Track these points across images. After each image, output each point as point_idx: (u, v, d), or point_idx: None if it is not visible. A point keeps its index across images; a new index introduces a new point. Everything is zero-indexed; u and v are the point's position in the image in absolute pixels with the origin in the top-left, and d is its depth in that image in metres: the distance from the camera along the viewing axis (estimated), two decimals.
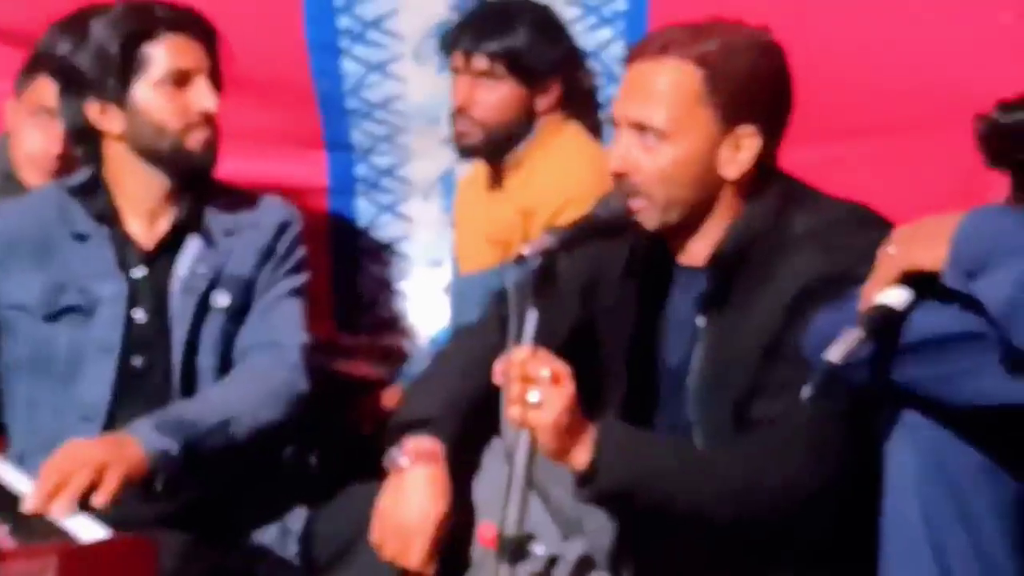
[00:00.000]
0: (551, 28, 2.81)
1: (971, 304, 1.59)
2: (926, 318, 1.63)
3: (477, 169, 2.93)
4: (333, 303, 3.17)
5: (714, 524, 1.91)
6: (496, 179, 2.85)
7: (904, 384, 1.65)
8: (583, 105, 2.89)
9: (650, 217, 2.03)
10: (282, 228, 2.48)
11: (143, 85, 2.33)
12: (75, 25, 2.37)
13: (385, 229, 3.18)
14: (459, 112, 2.78)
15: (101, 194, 2.42)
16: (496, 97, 2.76)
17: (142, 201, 2.41)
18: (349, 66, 3.01)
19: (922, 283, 1.64)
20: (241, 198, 2.49)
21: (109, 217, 2.41)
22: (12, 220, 2.44)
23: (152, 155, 2.37)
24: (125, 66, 2.32)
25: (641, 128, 2.00)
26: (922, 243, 1.64)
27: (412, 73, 3.00)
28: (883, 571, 1.72)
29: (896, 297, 1.64)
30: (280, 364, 2.38)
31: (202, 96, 2.35)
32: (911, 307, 1.64)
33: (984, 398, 1.60)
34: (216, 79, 2.40)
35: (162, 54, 2.34)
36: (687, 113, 1.99)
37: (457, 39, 2.79)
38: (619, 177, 2.03)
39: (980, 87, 2.42)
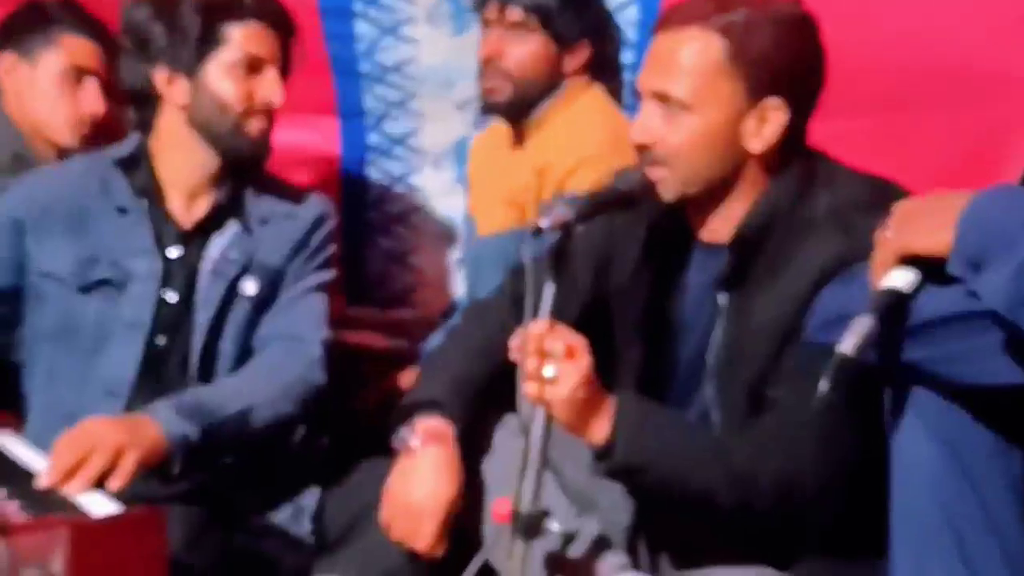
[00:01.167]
0: None
1: None
2: (933, 298, 1.60)
3: (493, 129, 2.91)
4: (343, 275, 3.14)
5: (722, 507, 1.90)
6: (517, 139, 2.83)
7: (912, 365, 1.62)
8: (610, 71, 2.87)
9: (670, 188, 2.00)
10: (318, 222, 2.48)
11: (216, 63, 2.36)
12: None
13: (397, 200, 3.16)
14: (487, 63, 2.76)
15: (145, 168, 2.42)
16: (527, 50, 2.74)
17: (186, 178, 2.41)
18: (362, 29, 2.99)
19: (927, 263, 1.61)
20: (280, 188, 2.50)
21: (151, 192, 2.40)
22: (50, 187, 2.44)
23: (209, 132, 2.38)
24: (204, 40, 2.34)
25: (664, 99, 1.97)
26: (924, 227, 1.60)
27: (426, 36, 2.98)
28: (897, 552, 1.69)
29: (903, 279, 1.61)
30: (300, 358, 2.37)
31: (270, 86, 2.38)
32: (919, 288, 1.61)
33: (992, 377, 1.57)
34: (285, 73, 2.42)
35: (241, 36, 2.36)
36: (710, 84, 1.95)
37: None
38: (641, 149, 2.00)
39: (988, 64, 2.41)
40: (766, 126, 1.97)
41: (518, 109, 2.78)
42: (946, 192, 1.64)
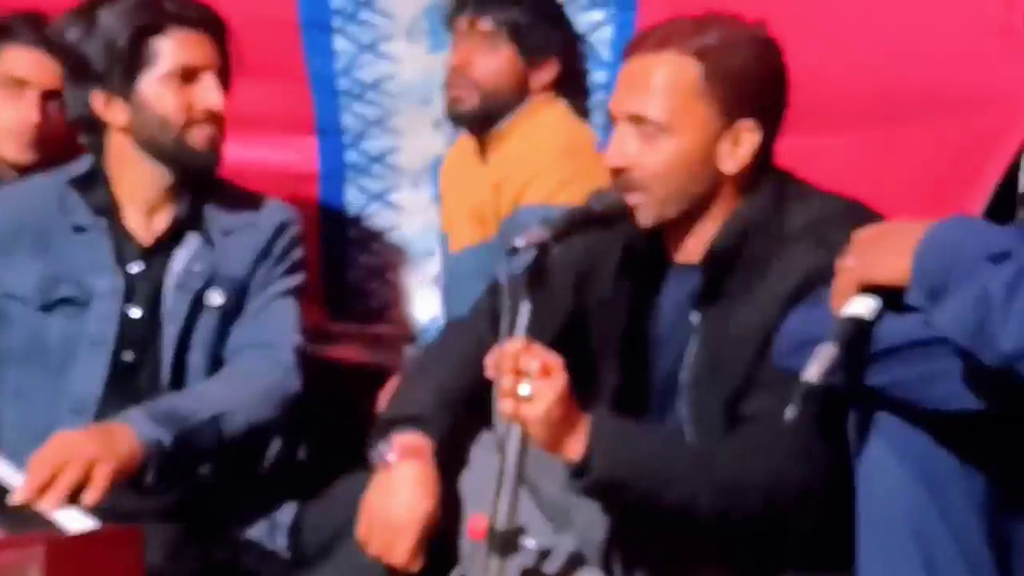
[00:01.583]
0: (553, 9, 2.84)
1: None
2: (894, 324, 1.62)
3: (461, 144, 2.93)
4: (323, 292, 3.15)
5: (701, 518, 1.90)
6: (480, 153, 2.85)
7: (876, 389, 1.64)
8: (578, 90, 2.89)
9: (647, 213, 2.01)
10: (280, 229, 2.46)
11: (149, 79, 2.31)
12: (85, 13, 2.34)
13: (375, 218, 3.16)
14: (455, 71, 2.79)
15: (101, 186, 2.41)
16: (495, 62, 2.77)
17: (142, 195, 2.39)
18: (341, 45, 2.99)
19: (888, 289, 1.63)
20: (242, 197, 2.48)
21: (108, 210, 2.39)
22: (10, 208, 2.42)
23: (155, 149, 2.35)
24: (132, 58, 2.30)
25: (639, 121, 1.99)
26: (882, 256, 1.62)
27: (404, 52, 2.98)
28: (863, 564, 1.71)
29: (864, 307, 1.63)
30: (273, 365, 2.37)
31: (208, 93, 2.33)
32: (880, 314, 1.63)
33: (953, 402, 1.59)
34: (224, 77, 2.38)
35: (170, 48, 2.32)
36: (686, 106, 1.98)
37: (464, 4, 2.80)
38: (617, 173, 2.01)
39: (967, 78, 2.43)
40: (740, 148, 2.00)
41: (482, 120, 2.80)
42: (905, 220, 1.66)
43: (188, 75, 2.32)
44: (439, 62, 2.87)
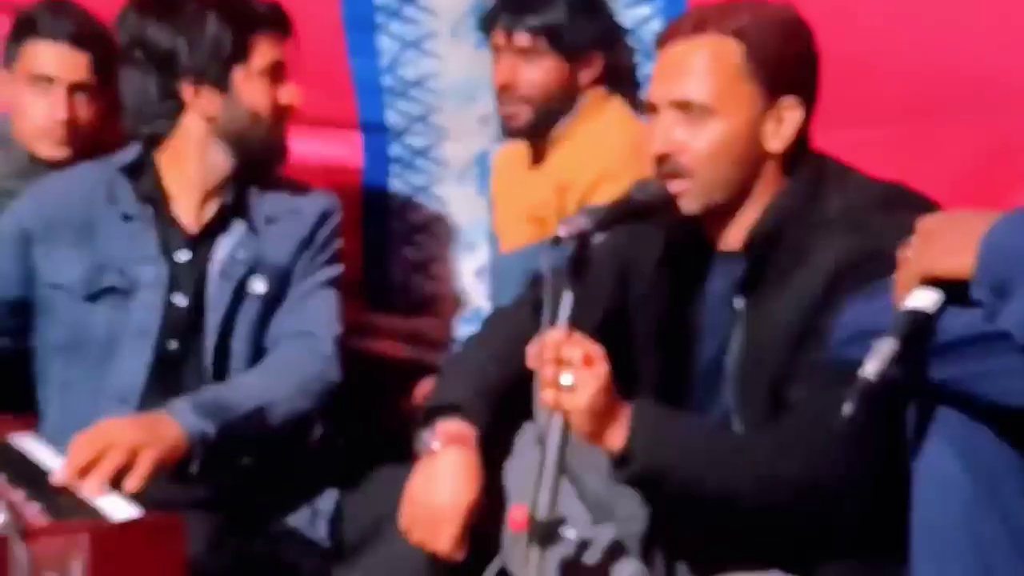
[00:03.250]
0: (590, 1, 2.80)
1: None
2: (956, 319, 1.58)
3: (515, 146, 2.92)
4: (365, 285, 3.16)
5: (742, 508, 1.89)
6: (538, 156, 2.84)
7: (936, 384, 1.62)
8: (625, 80, 2.87)
9: (692, 200, 2.00)
10: (323, 217, 2.50)
11: (244, 74, 2.39)
12: (169, 8, 2.40)
13: (418, 211, 3.17)
14: (503, 91, 2.78)
15: (150, 174, 2.44)
16: (540, 73, 2.75)
17: (200, 183, 2.43)
18: (385, 43, 3.00)
19: (951, 281, 1.60)
20: (286, 186, 2.52)
21: (156, 199, 2.42)
22: (57, 197, 2.45)
23: (240, 141, 2.42)
24: (233, 54, 2.38)
25: (684, 107, 1.98)
26: (945, 249, 1.58)
27: (449, 50, 2.98)
28: (918, 568, 1.68)
29: (926, 300, 1.60)
30: (313, 354, 2.39)
31: (290, 91, 2.43)
32: (942, 307, 1.60)
33: (1014, 397, 1.55)
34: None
35: (263, 47, 2.41)
36: (731, 87, 1.97)
37: (497, 17, 2.78)
38: (662, 159, 2.00)
39: (1007, 74, 2.41)
40: (784, 125, 1.99)
41: (540, 130, 2.79)
42: (967, 212, 1.63)
43: (275, 72, 2.41)
44: (484, 59, 2.86)
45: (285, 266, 2.44)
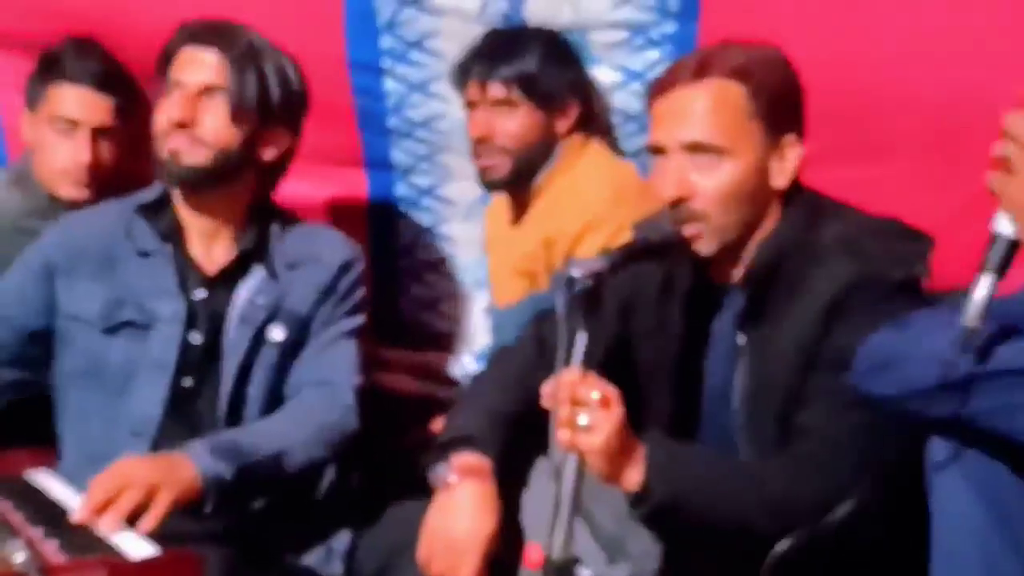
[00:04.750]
0: (562, 50, 2.80)
1: None
2: (1007, 350, 1.61)
3: (498, 201, 2.93)
4: (374, 323, 3.16)
5: (760, 536, 1.90)
6: (519, 209, 2.84)
7: (966, 415, 1.64)
8: (602, 125, 2.88)
9: (707, 243, 2.04)
10: (345, 267, 2.50)
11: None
12: (255, 55, 2.42)
13: (426, 250, 3.19)
14: (480, 143, 2.78)
15: (168, 213, 2.45)
16: (516, 123, 2.75)
17: (211, 224, 2.44)
18: (391, 86, 3.01)
19: None
20: (306, 231, 2.53)
21: (175, 236, 2.43)
22: (81, 231, 2.47)
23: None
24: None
25: (696, 149, 2.02)
26: None
27: (454, 92, 2.98)
28: None
29: (1006, 226, 1.60)
30: (333, 403, 2.39)
31: None
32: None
33: None
34: None
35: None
36: (739, 127, 2.02)
37: (469, 70, 2.78)
38: (675, 203, 2.03)
39: (1005, 100, 2.43)
40: (787, 162, 2.05)
41: (518, 181, 2.79)
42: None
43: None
44: None
45: (305, 315, 2.44)
